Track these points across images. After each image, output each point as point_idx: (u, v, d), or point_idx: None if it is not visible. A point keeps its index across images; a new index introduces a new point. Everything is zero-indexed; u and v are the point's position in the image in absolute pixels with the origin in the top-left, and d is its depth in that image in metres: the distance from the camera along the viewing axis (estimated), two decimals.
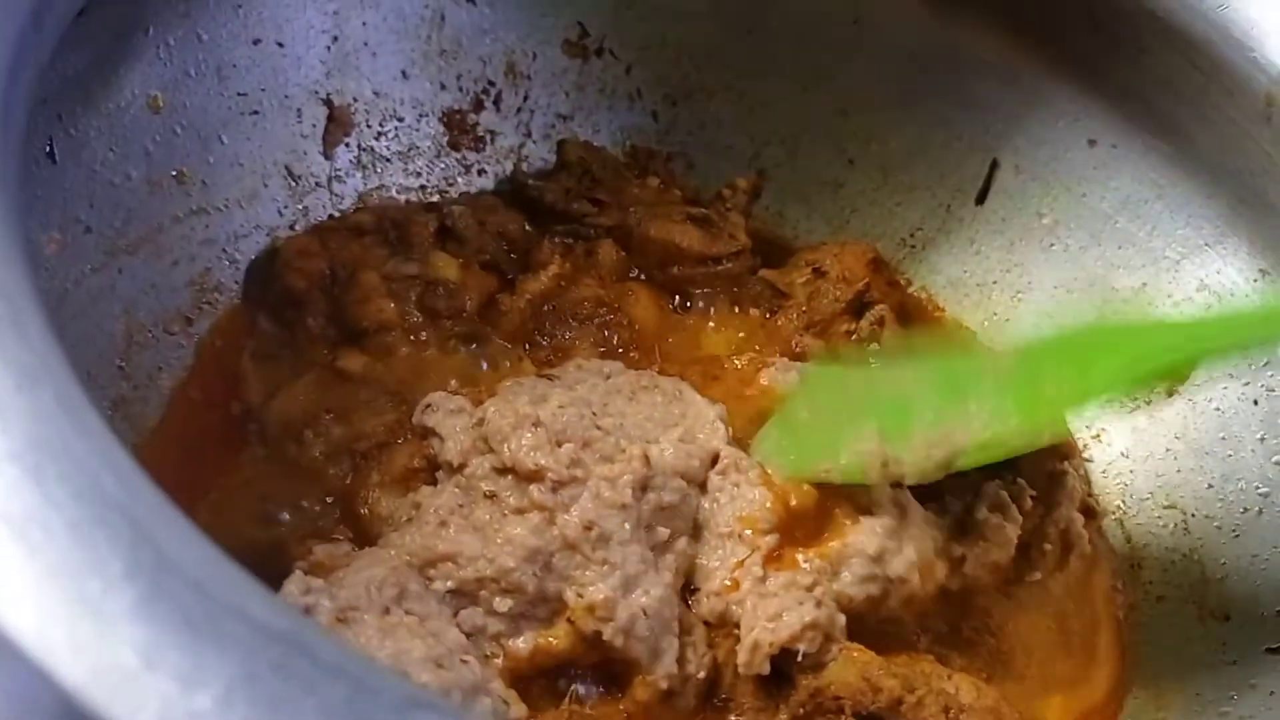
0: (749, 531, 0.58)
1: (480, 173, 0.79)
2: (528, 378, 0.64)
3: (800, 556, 0.57)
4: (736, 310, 0.75)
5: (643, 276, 0.74)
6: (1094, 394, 0.62)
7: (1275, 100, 0.61)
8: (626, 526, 0.55)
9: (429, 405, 0.60)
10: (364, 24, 0.73)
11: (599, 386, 0.63)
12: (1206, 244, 0.70)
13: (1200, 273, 0.70)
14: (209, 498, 0.59)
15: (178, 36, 0.64)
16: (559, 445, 0.56)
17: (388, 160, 0.76)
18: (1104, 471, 0.72)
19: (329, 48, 0.72)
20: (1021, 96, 0.75)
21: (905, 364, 0.68)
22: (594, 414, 0.60)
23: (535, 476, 0.55)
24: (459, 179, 0.78)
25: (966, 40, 0.75)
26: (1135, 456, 0.71)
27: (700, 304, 0.74)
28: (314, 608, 0.48)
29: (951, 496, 0.64)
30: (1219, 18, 0.62)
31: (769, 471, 0.60)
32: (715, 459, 0.60)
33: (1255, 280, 0.68)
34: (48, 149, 0.58)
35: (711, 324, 0.74)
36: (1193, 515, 0.67)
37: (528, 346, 0.68)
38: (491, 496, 0.55)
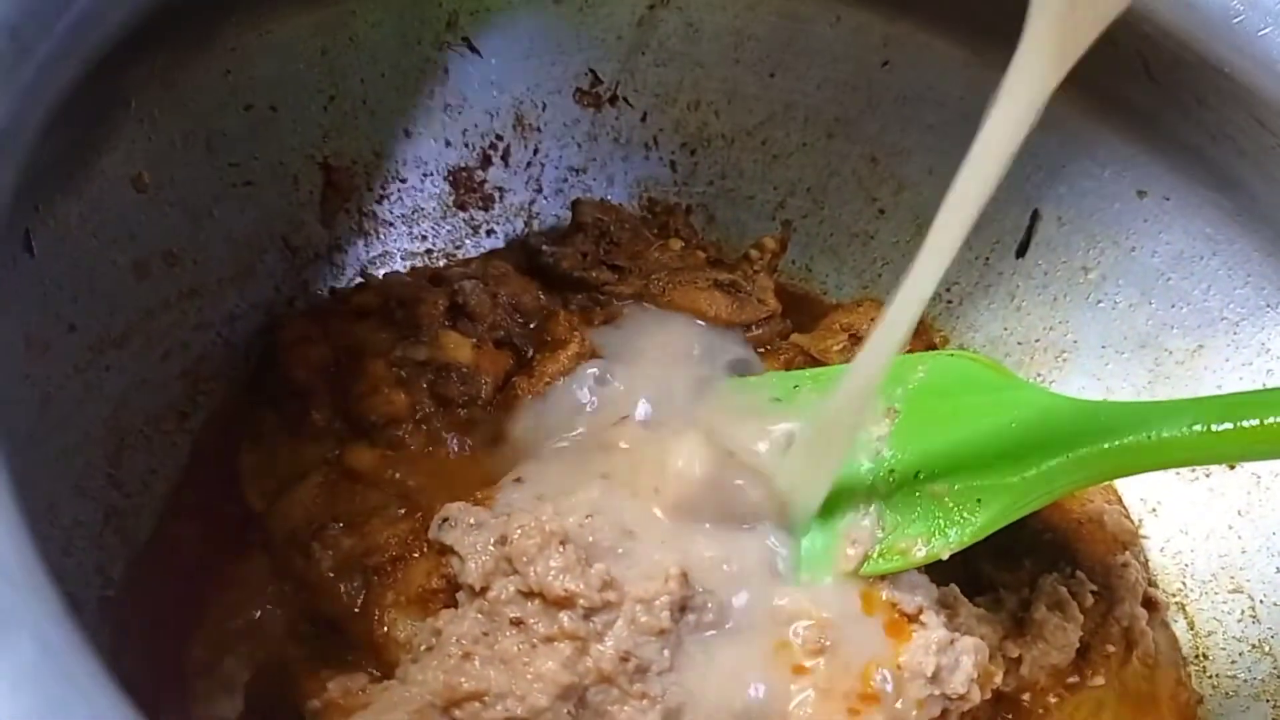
0: (797, 647, 0.53)
1: (489, 233, 0.74)
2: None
3: (857, 680, 0.52)
4: None
5: None
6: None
7: None
8: (665, 654, 0.51)
9: (446, 519, 0.55)
10: (362, 81, 0.68)
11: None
12: (1269, 305, 0.66)
13: (1261, 335, 0.66)
14: (208, 621, 0.55)
15: (162, 108, 0.59)
16: (589, 565, 0.51)
17: (391, 224, 0.71)
18: (1161, 549, 0.68)
19: (325, 108, 0.67)
20: (1064, 144, 0.70)
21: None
22: (623, 516, 0.55)
23: (565, 603, 0.51)
24: (467, 240, 0.74)
25: None
26: (1195, 534, 0.67)
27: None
28: None
29: (1007, 590, 0.60)
30: None
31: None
32: None
33: None
34: (25, 243, 0.53)
35: None
36: (1260, 602, 0.63)
37: None
38: (518, 623, 0.51)
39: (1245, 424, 0.49)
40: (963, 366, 0.61)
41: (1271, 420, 0.48)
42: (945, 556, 0.55)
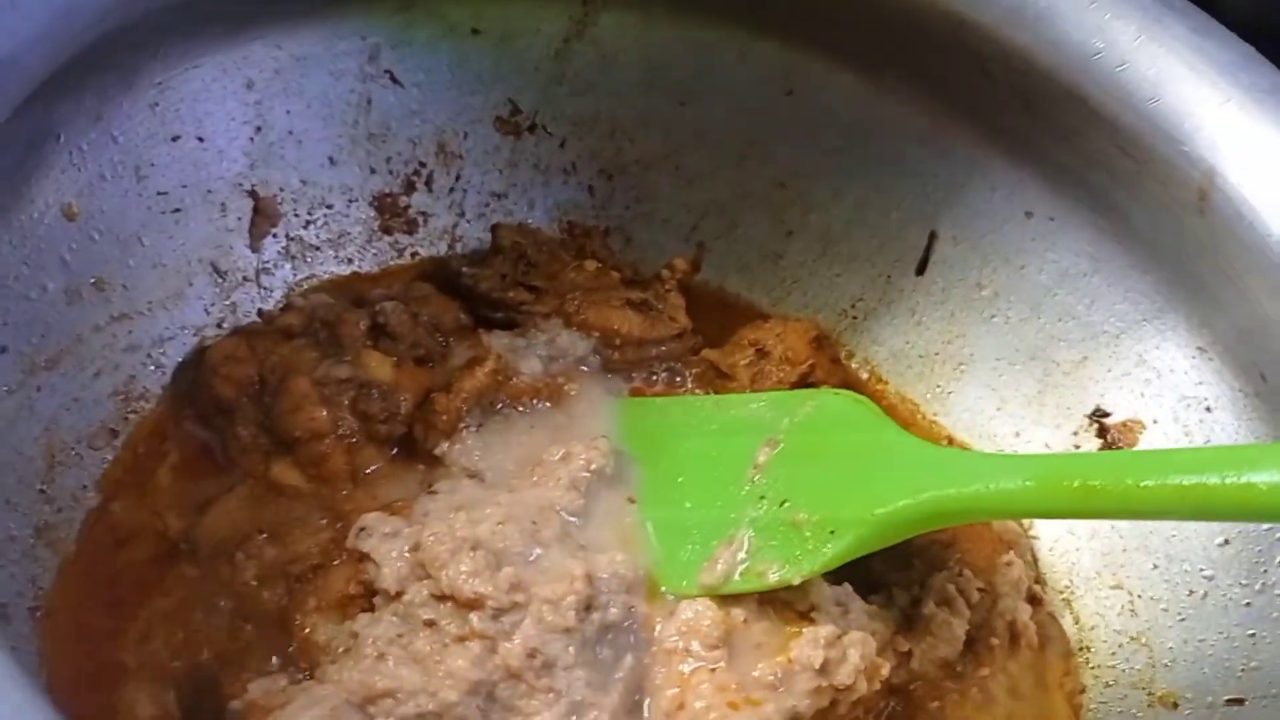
0: (696, 645, 0.57)
1: (413, 255, 0.77)
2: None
3: (751, 673, 0.56)
4: (679, 392, 0.74)
5: None
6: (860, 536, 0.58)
7: (1207, 194, 0.61)
8: (571, 650, 0.54)
9: (363, 529, 0.58)
10: (288, 112, 0.71)
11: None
12: (1144, 319, 0.70)
13: (1139, 347, 0.70)
14: (135, 628, 0.57)
15: (91, 140, 0.62)
16: (499, 569, 0.55)
17: (317, 249, 0.74)
18: (1050, 549, 0.72)
19: (252, 139, 0.70)
20: (957, 167, 0.75)
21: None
22: (534, 523, 0.58)
23: (475, 605, 0.54)
24: (392, 263, 0.77)
25: (899, 112, 0.75)
26: (1080, 534, 0.71)
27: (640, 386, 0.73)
28: None
29: (898, 589, 0.64)
30: (1150, 110, 0.62)
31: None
32: None
33: (1193, 357, 0.67)
34: None
35: None
36: (1139, 596, 0.67)
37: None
38: (431, 625, 0.54)
39: (1067, 483, 0.53)
40: (845, 406, 0.65)
41: (1094, 482, 0.52)
42: (796, 583, 0.58)
